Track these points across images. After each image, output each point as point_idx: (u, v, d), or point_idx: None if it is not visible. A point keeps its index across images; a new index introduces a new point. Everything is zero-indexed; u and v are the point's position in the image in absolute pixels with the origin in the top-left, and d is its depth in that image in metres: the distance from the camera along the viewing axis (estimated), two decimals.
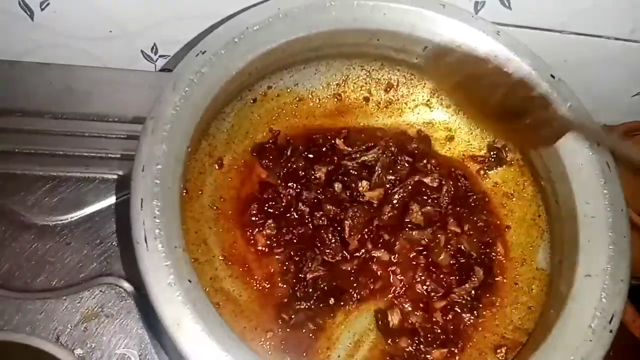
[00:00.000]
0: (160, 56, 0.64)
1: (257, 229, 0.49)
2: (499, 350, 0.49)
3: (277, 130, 0.54)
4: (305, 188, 0.51)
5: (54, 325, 0.49)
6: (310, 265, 0.48)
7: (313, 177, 0.52)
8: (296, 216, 0.50)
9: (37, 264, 0.52)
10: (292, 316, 0.47)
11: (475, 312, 0.49)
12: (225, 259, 0.49)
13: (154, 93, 0.45)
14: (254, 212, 0.50)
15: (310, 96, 0.57)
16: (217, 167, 0.52)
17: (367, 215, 0.50)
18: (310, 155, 0.53)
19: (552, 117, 0.47)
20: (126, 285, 0.52)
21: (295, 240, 0.49)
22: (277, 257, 0.49)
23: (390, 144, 0.54)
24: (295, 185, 0.51)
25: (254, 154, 0.53)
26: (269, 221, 0.49)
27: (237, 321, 0.47)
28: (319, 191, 0.51)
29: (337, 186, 0.51)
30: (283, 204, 0.51)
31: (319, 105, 0.57)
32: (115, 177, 0.56)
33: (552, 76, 0.50)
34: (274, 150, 0.53)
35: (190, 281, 0.39)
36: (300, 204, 0.50)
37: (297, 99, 0.56)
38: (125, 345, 0.50)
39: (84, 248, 0.53)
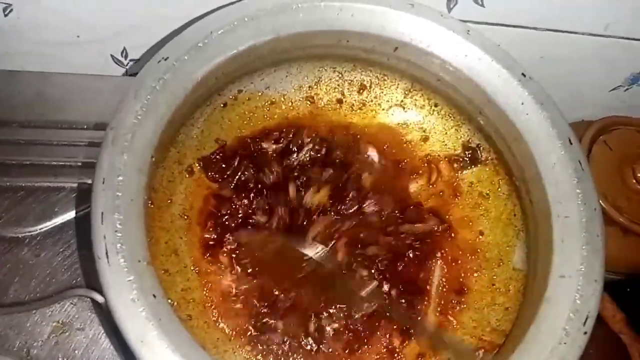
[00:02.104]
0: (130, 60, 0.62)
1: (217, 249, 0.48)
2: (477, 353, 0.48)
3: (224, 141, 0.53)
4: (256, 196, 0.50)
5: (24, 339, 0.49)
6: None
7: (263, 183, 0.51)
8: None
9: (6, 277, 0.51)
10: (266, 334, 0.46)
11: None
12: (197, 268, 0.48)
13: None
14: (210, 229, 0.49)
15: (282, 99, 0.56)
16: (187, 175, 0.51)
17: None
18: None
19: None
20: (97, 297, 0.50)
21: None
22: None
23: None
24: (248, 194, 0.50)
25: (200, 166, 0.51)
26: (226, 236, 0.49)
27: (210, 332, 0.46)
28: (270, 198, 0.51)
29: (292, 190, 0.51)
30: (240, 216, 0.50)
31: (291, 109, 0.56)
32: (85, 186, 0.55)
33: (523, 75, 0.50)
34: (220, 161, 0.51)
35: (155, 296, 0.38)
36: (255, 214, 0.50)
37: (269, 102, 0.55)
38: (97, 358, 0.49)
39: (54, 260, 0.52)
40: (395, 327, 0.49)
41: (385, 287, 0.50)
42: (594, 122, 0.64)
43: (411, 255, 0.51)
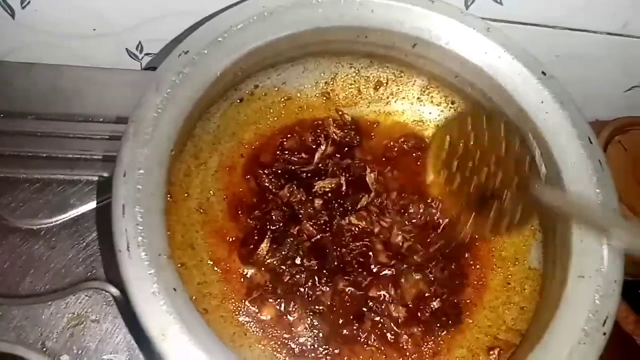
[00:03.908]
0: (145, 54, 0.62)
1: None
2: (492, 352, 0.48)
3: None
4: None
5: (39, 331, 0.48)
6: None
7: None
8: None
9: (22, 268, 0.51)
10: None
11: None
12: (214, 262, 0.48)
13: (140, 92, 0.44)
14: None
15: (298, 95, 0.56)
16: (203, 169, 0.51)
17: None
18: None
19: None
20: (112, 289, 0.51)
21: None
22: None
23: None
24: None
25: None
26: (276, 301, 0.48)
27: (226, 327, 0.46)
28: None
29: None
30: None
31: (307, 104, 0.56)
32: (101, 179, 0.55)
33: (543, 73, 0.50)
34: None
35: (175, 289, 0.38)
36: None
37: (285, 98, 0.55)
38: (112, 350, 0.49)
39: (69, 252, 0.52)
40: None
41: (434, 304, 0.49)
42: (609, 122, 0.64)
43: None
